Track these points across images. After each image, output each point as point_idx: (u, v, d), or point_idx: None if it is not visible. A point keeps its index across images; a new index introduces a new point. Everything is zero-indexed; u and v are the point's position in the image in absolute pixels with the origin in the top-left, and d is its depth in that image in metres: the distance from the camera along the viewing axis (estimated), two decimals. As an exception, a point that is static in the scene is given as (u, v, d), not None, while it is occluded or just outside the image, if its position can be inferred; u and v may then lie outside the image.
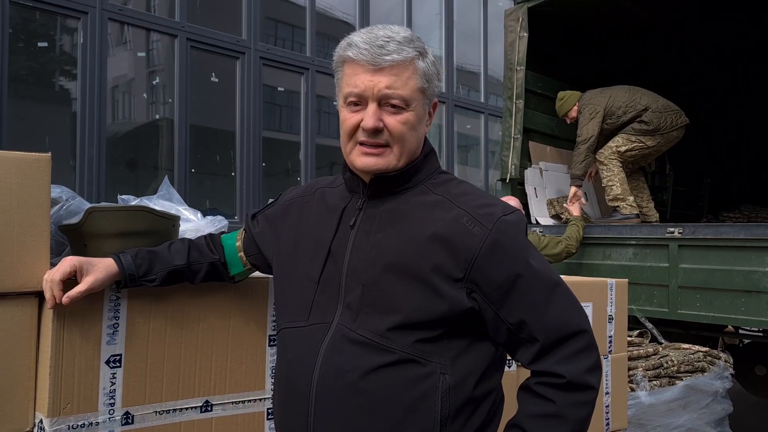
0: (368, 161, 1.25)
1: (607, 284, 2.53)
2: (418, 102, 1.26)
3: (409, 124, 1.25)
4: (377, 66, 1.21)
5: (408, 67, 1.23)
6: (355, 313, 1.23)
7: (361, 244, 1.26)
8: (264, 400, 1.69)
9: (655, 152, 4.79)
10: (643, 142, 4.60)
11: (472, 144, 9.81)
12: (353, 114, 1.25)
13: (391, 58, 1.21)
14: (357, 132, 1.25)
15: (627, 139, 4.62)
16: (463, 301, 1.21)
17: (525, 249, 1.25)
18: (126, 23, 6.01)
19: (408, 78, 1.23)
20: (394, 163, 1.26)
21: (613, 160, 4.61)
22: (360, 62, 1.22)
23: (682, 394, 3.25)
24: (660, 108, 4.58)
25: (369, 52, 1.21)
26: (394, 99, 1.23)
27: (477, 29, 9.71)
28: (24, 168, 1.41)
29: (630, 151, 4.62)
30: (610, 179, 4.60)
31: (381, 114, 1.23)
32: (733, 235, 3.70)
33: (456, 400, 1.21)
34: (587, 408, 1.23)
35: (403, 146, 1.25)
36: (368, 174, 1.28)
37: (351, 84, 1.24)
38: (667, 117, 4.58)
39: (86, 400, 1.42)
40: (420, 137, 1.30)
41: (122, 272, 1.40)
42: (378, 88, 1.22)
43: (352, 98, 1.24)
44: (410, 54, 1.24)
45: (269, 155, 7.08)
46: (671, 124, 4.58)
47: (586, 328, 1.26)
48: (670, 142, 4.70)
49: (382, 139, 1.24)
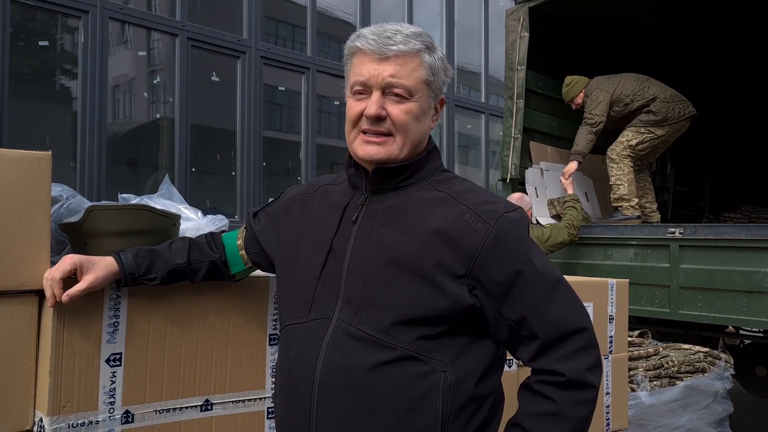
0: (370, 150, 1.26)
1: (607, 284, 2.53)
2: (423, 94, 1.27)
3: (413, 114, 1.25)
4: (383, 55, 1.23)
5: (414, 58, 1.25)
6: (355, 308, 1.23)
7: (363, 240, 1.27)
8: (264, 400, 1.69)
9: (664, 144, 4.75)
10: (653, 132, 4.57)
11: (472, 144, 9.81)
12: (357, 102, 1.26)
13: (397, 48, 1.23)
14: (360, 120, 1.26)
15: (636, 132, 4.58)
16: (465, 298, 1.21)
17: (527, 246, 1.25)
18: (127, 22, 6.01)
19: (413, 69, 1.25)
20: (396, 152, 1.26)
21: (625, 158, 4.57)
22: (367, 51, 1.24)
23: (683, 394, 3.25)
24: (668, 98, 4.56)
25: (376, 42, 1.23)
26: (398, 88, 1.24)
27: (477, 29, 9.71)
28: (24, 166, 1.40)
29: (641, 144, 4.58)
30: (619, 178, 4.57)
31: (384, 102, 1.24)
32: (734, 235, 3.69)
33: (457, 399, 1.21)
34: (588, 406, 1.22)
35: (405, 136, 1.26)
36: (370, 164, 1.28)
37: (357, 73, 1.26)
38: (675, 107, 4.56)
39: (86, 399, 1.42)
40: (424, 130, 1.30)
41: (122, 271, 1.40)
42: (382, 76, 1.23)
43: (358, 86, 1.26)
44: (416, 46, 1.25)
45: (270, 155, 7.08)
46: (679, 113, 4.57)
47: (587, 326, 1.26)
48: (678, 132, 4.66)
49: (384, 128, 1.25)
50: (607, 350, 2.51)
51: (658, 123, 4.56)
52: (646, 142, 4.59)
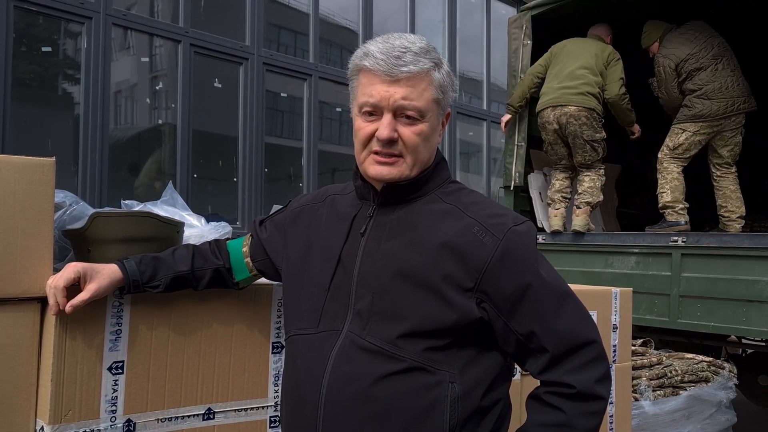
0: (382, 170, 1.25)
1: (611, 293, 2.52)
2: (433, 113, 1.26)
3: (424, 135, 1.25)
4: (393, 77, 1.21)
5: (424, 78, 1.23)
6: (364, 321, 1.22)
7: (371, 252, 1.26)
8: (266, 408, 1.68)
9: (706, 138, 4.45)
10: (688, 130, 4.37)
11: (474, 151, 9.81)
12: (368, 123, 1.25)
13: (408, 69, 1.21)
14: (371, 141, 1.25)
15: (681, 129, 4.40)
16: (473, 311, 1.21)
17: (535, 259, 1.25)
18: (130, 28, 6.02)
19: (423, 89, 1.23)
20: (407, 173, 1.26)
21: (668, 160, 4.41)
22: (376, 72, 1.22)
23: (686, 404, 3.24)
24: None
25: (386, 63, 1.21)
26: (410, 110, 1.22)
27: (479, 36, 9.72)
28: (28, 173, 1.40)
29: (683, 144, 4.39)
30: (662, 186, 4.43)
31: (396, 125, 1.23)
32: (737, 244, 3.69)
33: (464, 410, 1.20)
34: (596, 418, 1.22)
35: (416, 157, 1.25)
36: (380, 182, 1.28)
37: (366, 94, 1.24)
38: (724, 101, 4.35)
39: (88, 407, 1.41)
40: (433, 147, 1.30)
41: (126, 278, 1.39)
42: (394, 99, 1.21)
43: (368, 108, 1.24)
44: (426, 65, 1.23)
45: (271, 161, 7.08)
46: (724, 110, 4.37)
47: (596, 338, 1.25)
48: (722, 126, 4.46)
49: (396, 150, 1.24)
50: (611, 359, 2.50)
51: (692, 118, 4.36)
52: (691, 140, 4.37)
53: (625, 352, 2.58)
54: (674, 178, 4.41)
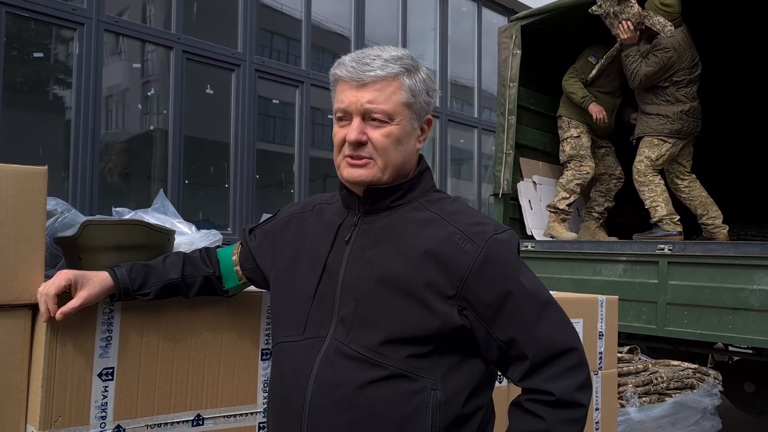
0: (353, 172, 1.29)
1: (597, 301, 2.55)
2: (404, 116, 1.29)
3: (393, 137, 1.28)
4: (360, 82, 1.26)
5: (392, 82, 1.27)
6: (348, 328, 1.24)
7: (355, 259, 1.29)
8: (255, 414, 1.70)
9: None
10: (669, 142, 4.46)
11: (465, 158, 9.85)
12: (341, 128, 1.30)
13: (374, 74, 1.26)
14: (344, 145, 1.29)
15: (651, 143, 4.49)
16: (454, 318, 1.23)
17: (516, 267, 1.27)
18: (122, 34, 6.02)
19: (392, 93, 1.27)
20: (379, 175, 1.29)
21: (652, 172, 4.47)
22: (346, 79, 1.28)
23: (672, 410, 3.27)
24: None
25: (354, 70, 1.27)
26: (377, 113, 1.26)
27: (471, 44, 9.78)
28: (20, 181, 1.41)
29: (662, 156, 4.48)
30: (654, 199, 4.48)
31: (365, 128, 1.27)
32: (722, 252, 3.73)
33: (446, 416, 1.22)
34: (577, 425, 1.24)
35: (386, 159, 1.28)
36: (358, 186, 1.31)
37: (339, 100, 1.30)
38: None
39: (78, 413, 1.42)
40: (408, 151, 1.33)
41: (117, 286, 1.40)
42: (360, 102, 1.26)
43: (339, 113, 1.30)
44: (394, 70, 1.28)
45: (263, 167, 7.09)
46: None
47: (576, 346, 1.27)
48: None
49: (365, 152, 1.28)
50: (597, 366, 2.53)
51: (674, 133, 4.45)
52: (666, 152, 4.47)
53: (611, 359, 2.61)
54: (663, 190, 4.52)
